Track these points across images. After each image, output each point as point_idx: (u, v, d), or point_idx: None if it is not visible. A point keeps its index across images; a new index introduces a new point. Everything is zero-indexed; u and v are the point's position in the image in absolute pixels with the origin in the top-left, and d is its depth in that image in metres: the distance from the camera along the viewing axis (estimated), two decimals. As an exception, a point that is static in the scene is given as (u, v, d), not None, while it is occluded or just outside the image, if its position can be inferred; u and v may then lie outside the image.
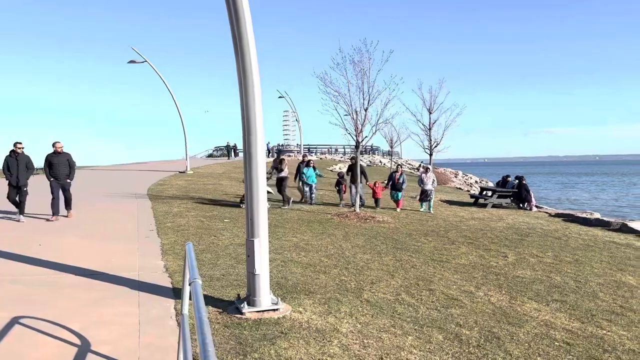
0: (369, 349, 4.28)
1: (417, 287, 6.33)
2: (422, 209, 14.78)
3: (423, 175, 15.41)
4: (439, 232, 10.78)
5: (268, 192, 14.02)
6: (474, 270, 7.41)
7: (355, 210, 12.99)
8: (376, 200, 14.93)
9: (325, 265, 7.38)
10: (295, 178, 16.20)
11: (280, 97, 51.02)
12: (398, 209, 14.69)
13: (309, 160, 15.95)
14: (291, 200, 14.26)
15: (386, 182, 15.63)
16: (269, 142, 47.10)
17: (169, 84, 25.18)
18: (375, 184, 15.20)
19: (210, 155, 54.64)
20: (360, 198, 13.82)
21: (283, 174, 14.19)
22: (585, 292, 6.37)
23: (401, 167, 16.27)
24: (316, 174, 15.81)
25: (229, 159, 43.30)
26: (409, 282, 6.59)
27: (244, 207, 13.42)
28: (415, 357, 4.16)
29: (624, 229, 11.71)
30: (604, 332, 4.96)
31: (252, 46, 4.85)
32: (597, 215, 14.27)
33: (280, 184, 14.16)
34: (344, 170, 16.31)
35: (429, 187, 14.88)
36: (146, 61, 24.97)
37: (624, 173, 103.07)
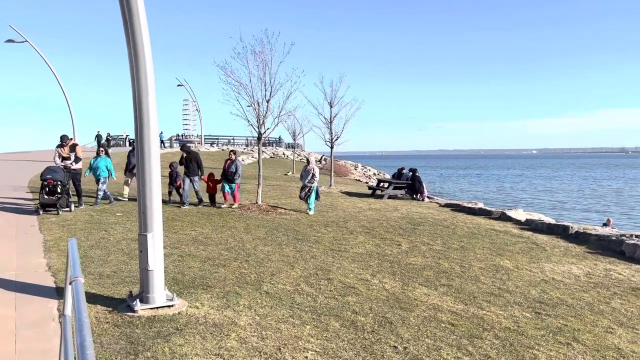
0: (267, 341, 4.28)
1: (316, 277, 6.44)
2: (310, 212, 12.34)
3: (305, 167, 13.12)
4: (338, 222, 11.06)
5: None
6: (370, 258, 7.70)
7: (184, 207, 11.86)
8: (211, 196, 12.82)
9: (225, 258, 7.25)
10: (126, 171, 13.32)
11: (179, 85, 49.17)
12: (235, 204, 12.45)
13: (100, 150, 12.79)
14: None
15: (222, 173, 12.94)
16: (162, 132, 44.90)
17: (64, 68, 23.19)
18: (209, 177, 12.96)
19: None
20: (197, 194, 12.49)
21: (76, 166, 11.45)
22: (469, 276, 6.89)
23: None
24: (106, 167, 12.05)
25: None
26: (309, 272, 6.68)
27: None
28: (312, 346, 4.23)
29: (503, 217, 12.84)
30: (484, 312, 5.40)
31: (144, 26, 4.58)
32: (480, 205, 15.49)
33: (74, 178, 11.40)
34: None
35: (307, 181, 12.58)
36: (27, 41, 22.75)
37: (504, 166, 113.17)
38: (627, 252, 8.65)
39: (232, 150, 13.25)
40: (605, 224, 16.12)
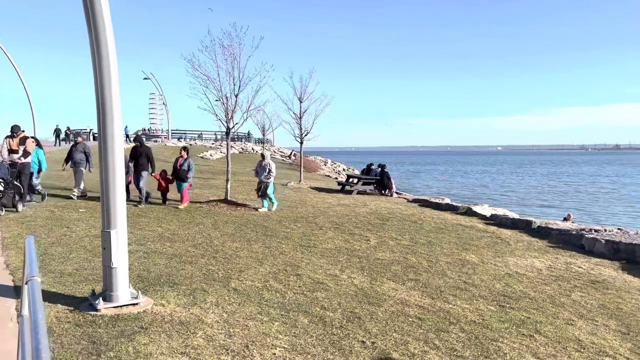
0: (235, 338, 4.23)
1: (285, 273, 6.41)
2: (263, 208, 11.81)
3: (260, 163, 12.35)
4: (308, 218, 11.04)
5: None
6: (339, 254, 7.72)
7: (140, 206, 11.20)
8: (162, 195, 11.99)
9: (192, 255, 7.14)
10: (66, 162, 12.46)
11: (145, 78, 48.15)
12: (182, 205, 11.56)
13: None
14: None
15: (172, 171, 12.11)
16: (127, 126, 43.82)
17: (22, 59, 22.36)
18: (161, 174, 12.06)
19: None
20: (141, 191, 11.54)
21: (24, 160, 10.47)
22: (436, 271, 6.99)
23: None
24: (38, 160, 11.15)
25: (56, 145, 34.50)
26: (278, 268, 6.65)
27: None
28: (280, 342, 4.21)
29: (469, 212, 13.09)
30: (451, 306, 5.49)
31: (106, 15, 4.43)
32: (447, 201, 15.76)
33: (22, 173, 10.39)
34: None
35: (262, 178, 11.95)
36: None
37: (469, 162, 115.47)
38: (587, 246, 8.95)
39: (183, 147, 12.38)
40: (565, 219, 16.64)
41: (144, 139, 14.45)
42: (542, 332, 4.84)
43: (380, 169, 18.38)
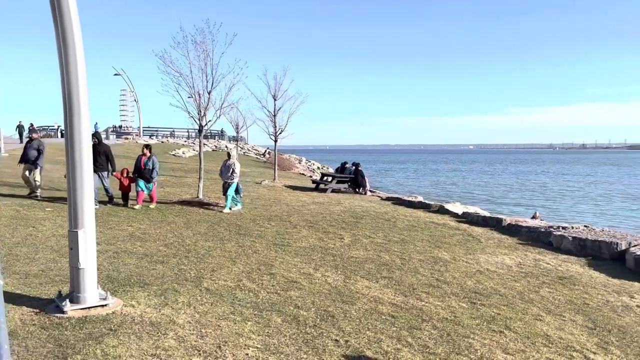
0: (207, 338, 4.17)
1: (258, 272, 6.36)
2: (225, 210, 11.25)
3: (225, 162, 11.79)
4: (282, 216, 11.00)
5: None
6: (313, 252, 7.71)
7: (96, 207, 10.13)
8: (124, 195, 11.32)
9: (164, 254, 7.02)
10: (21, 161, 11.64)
11: (116, 74, 47.19)
12: (152, 204, 11.19)
13: None
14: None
15: (133, 170, 11.47)
16: (96, 123, 42.79)
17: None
18: (123, 172, 11.32)
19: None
20: (107, 191, 11.08)
21: None
22: (409, 269, 7.05)
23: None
24: None
25: (21, 142, 32.05)
26: (251, 267, 6.59)
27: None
28: (253, 342, 4.17)
29: (442, 210, 13.25)
30: (423, 303, 5.54)
31: (73, 8, 4.30)
32: (420, 199, 15.91)
33: None
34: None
35: (226, 178, 11.52)
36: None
37: (441, 161, 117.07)
38: (555, 243, 9.16)
39: (146, 145, 11.69)
40: (533, 217, 17.04)
41: (103, 137, 13.82)
42: (512, 327, 4.93)
43: (354, 167, 18.44)
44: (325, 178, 19.56)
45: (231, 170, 11.47)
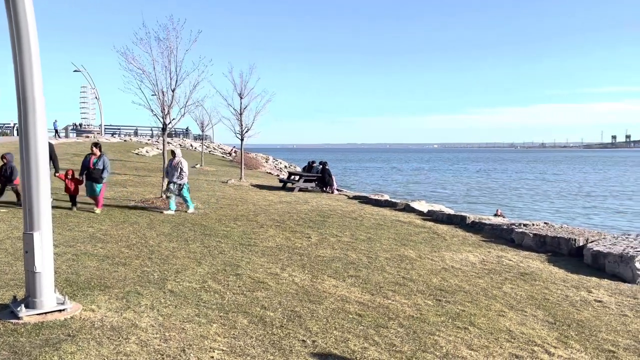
0: (171, 342, 4.07)
1: (224, 273, 6.26)
2: (169, 210, 10.62)
3: (170, 162, 11.00)
4: (248, 216, 10.88)
5: None
6: (280, 252, 7.65)
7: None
8: (71, 198, 10.46)
9: (126, 256, 6.83)
10: None
11: (76, 70, 45.78)
12: (97, 209, 10.25)
13: None
14: None
15: (80, 170, 10.55)
16: (56, 121, 41.38)
17: None
18: (67, 174, 10.37)
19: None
20: None
21: None
22: (376, 267, 7.09)
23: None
24: None
25: None
26: (217, 268, 6.49)
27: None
28: (219, 345, 4.09)
29: (407, 208, 13.41)
30: (389, 301, 5.57)
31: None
32: (386, 197, 16.06)
33: None
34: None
35: (175, 178, 10.75)
36: None
37: (406, 160, 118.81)
38: (516, 240, 9.40)
39: (95, 143, 10.72)
40: (495, 215, 17.49)
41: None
42: (476, 324, 5.01)
43: (321, 166, 18.45)
44: (292, 177, 19.49)
45: (179, 169, 10.77)
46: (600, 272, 7.47)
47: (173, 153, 11.09)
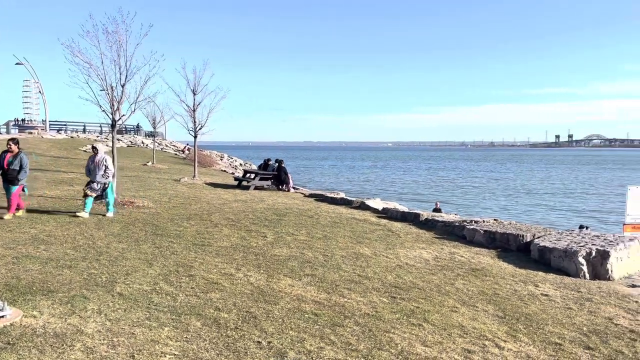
0: (119, 348, 3.90)
1: (176, 274, 6.09)
2: (84, 212, 9.58)
3: (92, 158, 10.03)
4: (202, 215, 10.66)
5: None
6: (235, 251, 7.52)
7: None
8: None
9: (71, 258, 6.52)
10: None
11: (18, 63, 43.47)
12: (8, 215, 9.00)
13: None
14: None
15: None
16: None
17: None
18: None
19: None
20: None
21: None
22: (332, 265, 7.08)
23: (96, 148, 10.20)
24: None
25: None
26: (169, 269, 6.29)
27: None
28: (171, 349, 3.95)
29: (363, 206, 13.52)
30: (345, 300, 5.57)
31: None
32: (342, 195, 16.15)
33: None
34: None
35: (98, 178, 9.83)
36: None
37: (360, 158, 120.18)
38: (468, 237, 9.64)
39: (12, 139, 9.50)
40: (435, 209, 18.06)
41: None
42: (430, 320, 5.08)
43: (277, 164, 18.33)
44: (248, 175, 19.26)
45: (103, 167, 9.80)
46: (547, 267, 7.77)
47: (95, 148, 10.12)
